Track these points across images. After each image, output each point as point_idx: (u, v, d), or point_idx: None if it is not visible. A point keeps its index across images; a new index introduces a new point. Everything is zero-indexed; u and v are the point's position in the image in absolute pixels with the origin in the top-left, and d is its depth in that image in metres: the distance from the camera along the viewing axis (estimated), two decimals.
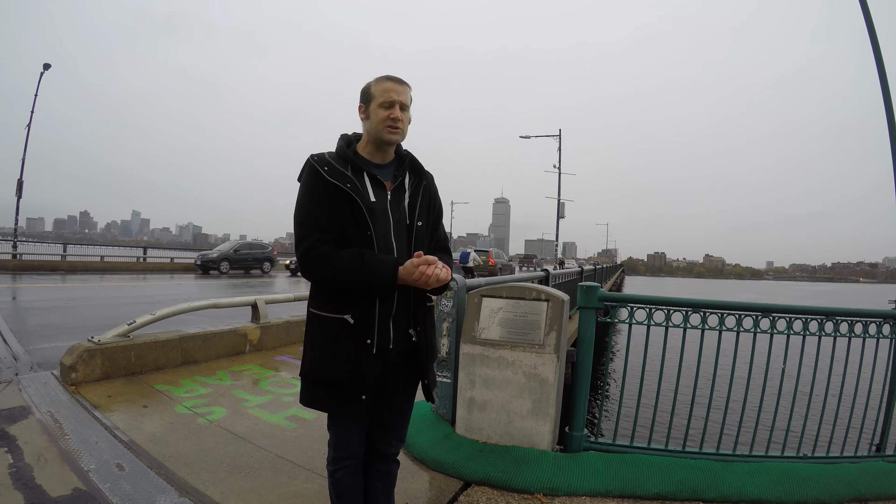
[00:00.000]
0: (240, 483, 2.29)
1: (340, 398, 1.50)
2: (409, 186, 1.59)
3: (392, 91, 1.50)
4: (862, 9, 6.37)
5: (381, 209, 1.51)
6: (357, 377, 1.48)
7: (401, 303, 1.53)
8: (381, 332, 1.50)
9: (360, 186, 1.49)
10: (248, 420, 3.11)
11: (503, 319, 2.85)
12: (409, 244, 1.55)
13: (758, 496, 2.35)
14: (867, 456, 2.82)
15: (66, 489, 2.12)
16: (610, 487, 2.37)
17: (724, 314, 2.69)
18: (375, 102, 1.50)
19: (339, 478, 1.58)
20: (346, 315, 1.47)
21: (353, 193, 1.46)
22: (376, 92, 1.51)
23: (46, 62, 19.38)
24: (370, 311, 1.48)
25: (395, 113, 1.49)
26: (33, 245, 21.86)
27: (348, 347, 1.47)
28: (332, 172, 1.47)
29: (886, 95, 5.94)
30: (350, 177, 1.48)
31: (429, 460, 2.58)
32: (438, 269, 1.43)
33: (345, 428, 1.55)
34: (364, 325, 1.47)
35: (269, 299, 5.38)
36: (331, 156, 1.52)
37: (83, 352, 3.63)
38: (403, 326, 1.55)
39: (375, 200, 1.51)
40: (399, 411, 1.65)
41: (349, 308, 1.47)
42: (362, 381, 1.48)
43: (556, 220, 27.42)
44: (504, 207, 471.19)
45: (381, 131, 1.50)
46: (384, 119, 1.49)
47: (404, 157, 1.62)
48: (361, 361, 1.47)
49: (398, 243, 1.53)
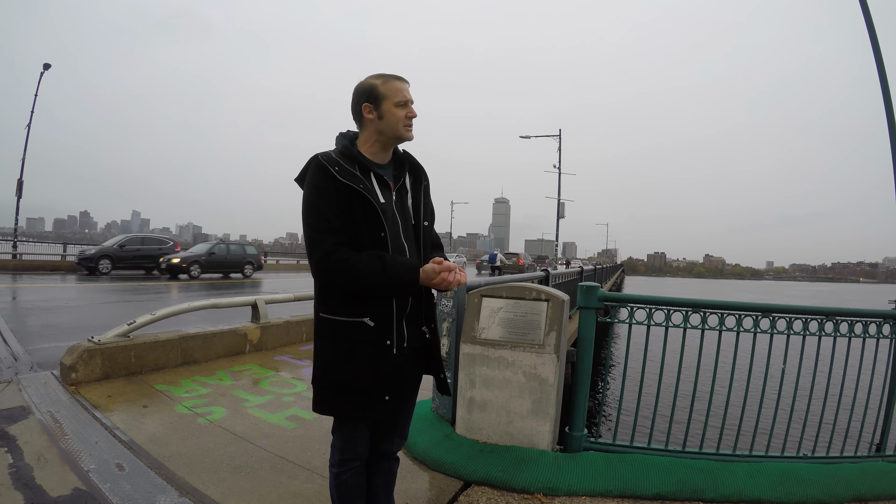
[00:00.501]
0: (240, 483, 2.29)
1: (359, 402, 1.46)
2: (409, 187, 1.60)
3: (405, 90, 1.52)
4: (862, 9, 6.37)
5: (391, 210, 1.52)
6: (380, 379, 1.46)
7: (415, 301, 1.55)
8: (398, 332, 1.51)
9: (370, 187, 1.49)
10: (248, 420, 3.11)
11: (503, 319, 2.85)
12: (418, 244, 1.57)
13: (758, 496, 2.35)
14: (867, 456, 2.82)
15: (66, 489, 2.12)
16: (610, 487, 2.37)
17: (724, 314, 2.69)
18: (390, 102, 1.50)
19: (345, 480, 1.55)
20: (365, 318, 1.45)
21: (367, 194, 1.44)
22: (388, 92, 1.50)
23: (46, 62, 19.38)
24: (388, 312, 1.47)
25: (412, 111, 1.52)
26: (33, 245, 21.86)
27: (367, 350, 1.44)
28: (343, 172, 1.44)
29: (886, 95, 5.94)
30: (360, 177, 1.47)
31: (429, 460, 2.58)
32: (459, 276, 1.46)
33: (354, 429, 1.53)
34: (383, 326, 1.46)
35: (270, 299, 5.37)
36: (338, 155, 1.49)
37: (83, 352, 3.63)
38: (417, 324, 1.57)
39: (384, 201, 1.51)
40: (405, 409, 1.66)
41: (367, 311, 1.45)
42: (385, 383, 1.46)
43: (556, 220, 27.42)
44: (504, 207, 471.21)
45: (400, 130, 1.52)
46: (403, 118, 1.51)
47: (402, 158, 1.62)
48: (382, 363, 1.46)
49: (409, 243, 1.55)
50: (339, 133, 1.58)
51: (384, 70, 1.55)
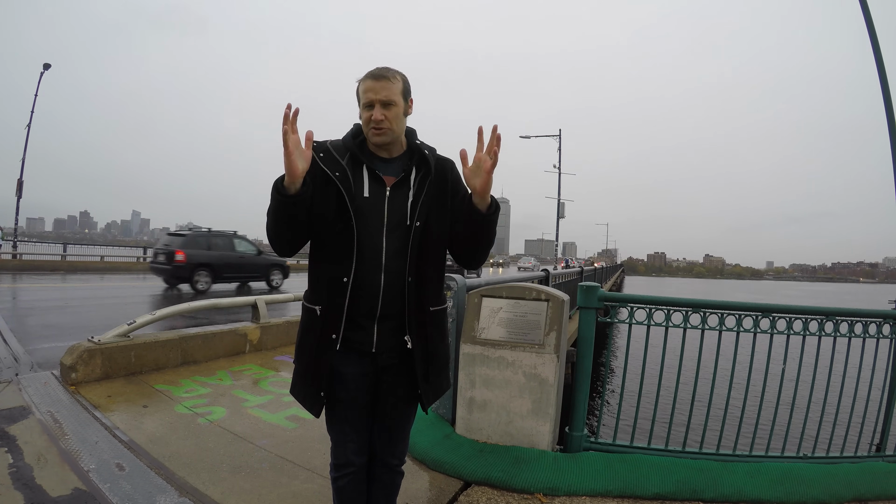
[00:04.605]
0: (240, 483, 2.29)
1: (307, 392, 1.48)
2: (414, 183, 1.47)
3: (370, 90, 1.40)
4: (862, 9, 6.37)
5: (375, 206, 1.43)
6: (315, 372, 1.44)
7: (389, 303, 1.44)
8: (356, 332, 1.43)
9: (351, 178, 1.41)
10: (248, 420, 3.11)
11: (503, 319, 2.85)
12: (406, 246, 1.43)
13: (758, 496, 2.35)
14: (867, 456, 2.82)
15: (66, 489, 2.12)
16: (610, 487, 2.37)
17: (724, 314, 2.69)
18: (361, 104, 1.43)
19: (342, 486, 1.54)
20: (317, 306, 1.44)
21: (340, 183, 1.39)
22: (360, 92, 1.43)
23: (46, 62, 19.39)
24: (338, 305, 1.41)
25: (374, 114, 1.39)
26: (33, 245, 21.85)
27: (312, 340, 1.45)
28: (327, 159, 1.41)
29: (886, 95, 5.94)
30: (343, 166, 1.41)
31: (429, 460, 2.58)
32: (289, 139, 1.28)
33: (340, 430, 1.51)
34: (329, 318, 1.42)
35: (269, 299, 5.38)
36: (332, 143, 1.46)
37: (83, 352, 3.63)
38: (395, 330, 1.46)
39: (369, 196, 1.43)
40: (399, 418, 1.57)
41: (319, 299, 1.44)
42: (319, 377, 1.44)
43: (556, 220, 27.41)
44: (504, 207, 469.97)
45: (367, 134, 1.44)
46: (367, 122, 1.42)
47: (415, 151, 1.50)
48: (322, 357, 1.43)
49: (390, 244, 1.42)
50: (355, 122, 1.53)
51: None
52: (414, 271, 1.44)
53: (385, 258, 1.42)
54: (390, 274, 1.42)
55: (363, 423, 1.52)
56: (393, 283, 1.43)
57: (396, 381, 1.51)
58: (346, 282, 1.40)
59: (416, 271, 1.44)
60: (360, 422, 1.51)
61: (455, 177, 1.53)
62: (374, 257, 1.42)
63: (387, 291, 1.43)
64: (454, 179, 1.53)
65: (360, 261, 1.40)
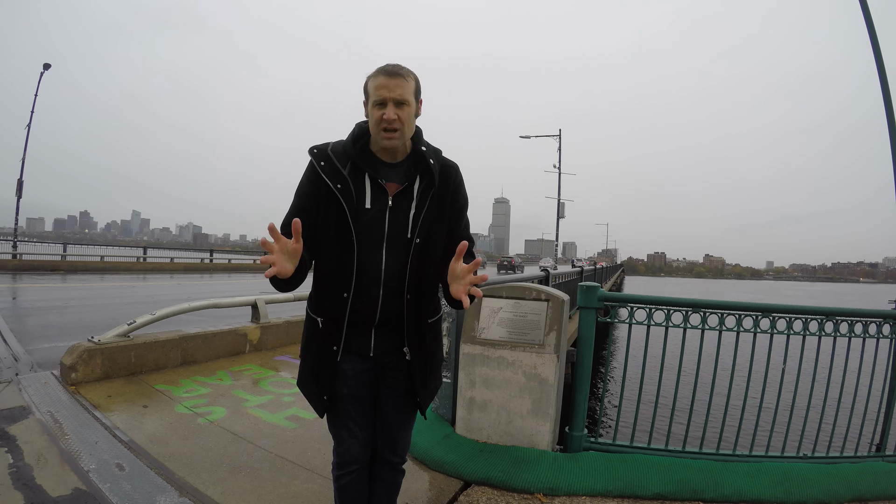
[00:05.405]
0: (240, 483, 2.29)
1: (312, 390, 1.50)
2: (417, 193, 1.40)
3: (383, 87, 1.32)
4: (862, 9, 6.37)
5: (376, 218, 1.37)
6: (320, 378, 1.46)
7: (387, 315, 1.42)
8: (356, 340, 1.44)
9: (353, 189, 1.35)
10: (248, 420, 3.11)
11: (503, 319, 2.84)
12: (406, 261, 1.38)
13: (758, 496, 2.35)
14: (867, 456, 2.82)
15: (66, 489, 2.12)
16: (610, 487, 2.37)
17: (724, 314, 2.69)
18: (371, 101, 1.35)
19: (344, 484, 1.54)
20: (320, 318, 1.44)
21: (342, 196, 1.34)
22: (370, 88, 1.35)
23: (46, 62, 19.39)
24: (338, 319, 1.40)
25: (387, 113, 1.31)
26: (33, 245, 21.85)
27: (315, 349, 1.47)
28: (328, 169, 1.35)
29: (886, 96, 5.94)
30: (345, 176, 1.35)
31: (429, 460, 2.58)
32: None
33: (343, 427, 1.51)
34: (331, 331, 1.42)
35: (269, 299, 5.38)
36: (333, 149, 1.39)
37: (83, 352, 3.63)
38: (392, 335, 1.46)
39: (370, 207, 1.36)
40: (400, 414, 1.57)
41: (321, 311, 1.44)
42: (322, 383, 1.46)
43: (556, 220, 27.44)
44: (504, 207, 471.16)
45: (377, 135, 1.36)
46: (378, 121, 1.33)
47: (419, 157, 1.42)
48: (325, 365, 1.44)
49: (389, 261, 1.38)
50: (357, 123, 1.46)
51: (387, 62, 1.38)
52: (413, 288, 1.41)
53: (384, 275, 1.39)
54: (389, 289, 1.40)
55: (366, 419, 1.53)
56: (391, 298, 1.41)
57: (397, 377, 1.51)
58: (347, 297, 1.39)
59: (416, 289, 1.42)
60: (363, 418, 1.52)
61: (456, 184, 1.48)
62: (373, 273, 1.39)
63: (385, 306, 1.41)
64: (455, 188, 1.47)
65: (360, 275, 1.38)
